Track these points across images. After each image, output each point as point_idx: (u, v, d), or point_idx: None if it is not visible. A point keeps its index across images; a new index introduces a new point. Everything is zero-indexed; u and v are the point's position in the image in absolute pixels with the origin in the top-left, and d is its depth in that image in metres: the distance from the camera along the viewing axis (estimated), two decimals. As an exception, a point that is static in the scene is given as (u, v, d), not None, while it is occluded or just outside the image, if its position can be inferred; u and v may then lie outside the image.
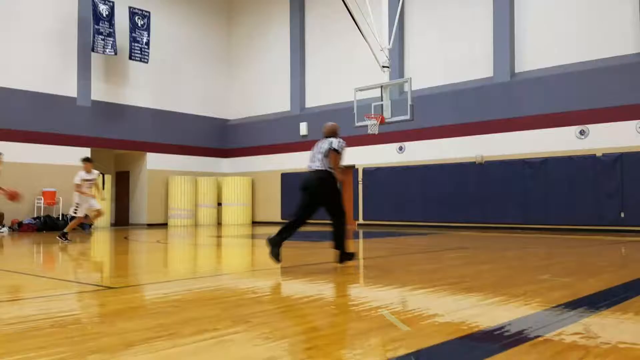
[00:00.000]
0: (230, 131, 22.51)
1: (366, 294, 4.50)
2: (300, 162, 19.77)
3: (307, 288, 4.83)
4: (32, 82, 17.01)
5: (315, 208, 6.17)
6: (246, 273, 6.37)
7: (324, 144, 6.22)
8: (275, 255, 6.06)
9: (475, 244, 10.00)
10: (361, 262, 7.21)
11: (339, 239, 6.24)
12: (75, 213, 10.39)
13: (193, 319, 3.38)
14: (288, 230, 6.12)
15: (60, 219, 16.81)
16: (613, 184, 13.09)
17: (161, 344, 2.74)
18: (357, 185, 17.96)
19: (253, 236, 13.26)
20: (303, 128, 19.83)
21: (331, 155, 6.08)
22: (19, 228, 15.67)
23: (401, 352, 2.61)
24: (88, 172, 10.44)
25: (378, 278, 5.61)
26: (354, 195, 18.12)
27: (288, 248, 9.50)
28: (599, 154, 13.36)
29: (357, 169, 18.03)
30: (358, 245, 9.93)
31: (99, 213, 10.70)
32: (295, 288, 4.92)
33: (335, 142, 6.13)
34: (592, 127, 13.58)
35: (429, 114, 15.99)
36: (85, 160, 10.65)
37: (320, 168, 6.12)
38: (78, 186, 10.27)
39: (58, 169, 17.23)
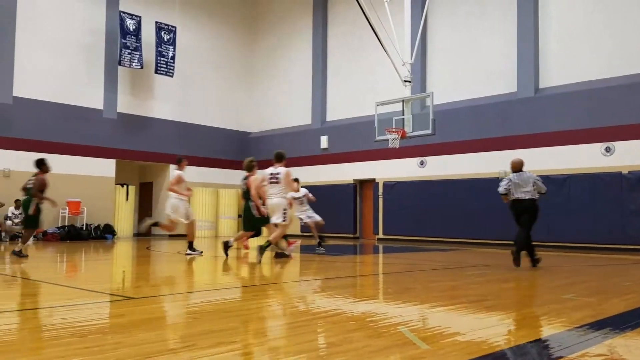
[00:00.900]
0: (251, 144, 22.68)
1: (385, 310, 4.46)
2: (320, 175, 19.81)
3: (326, 302, 4.81)
4: (60, 94, 17.42)
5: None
6: (265, 286, 6.37)
7: (526, 178, 8.26)
8: (517, 262, 7.93)
9: (497, 261, 9.85)
10: (380, 277, 7.16)
11: (532, 248, 8.20)
12: (284, 220, 11.16)
13: (211, 331, 3.39)
14: (521, 242, 8.06)
15: (84, 228, 17.08)
16: (639, 202, 12.80)
17: (179, 356, 2.75)
18: (378, 199, 17.89)
19: (272, 248, 13.25)
20: (324, 141, 19.88)
21: (540, 187, 8.30)
22: (43, 237, 15.95)
23: (420, 370, 2.58)
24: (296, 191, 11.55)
25: (397, 294, 5.55)
26: (373, 210, 18.05)
27: (308, 262, 9.48)
28: (625, 171, 13.10)
29: (378, 183, 17.97)
30: (378, 260, 9.87)
31: (319, 223, 11.69)
32: (314, 302, 4.90)
33: (539, 179, 8.35)
34: (617, 144, 13.34)
35: (451, 128, 15.90)
36: (295, 180, 11.44)
37: (532, 197, 8.20)
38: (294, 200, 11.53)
39: (83, 179, 17.54)
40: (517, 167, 8.43)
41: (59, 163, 17.09)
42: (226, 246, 9.69)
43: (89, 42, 18.19)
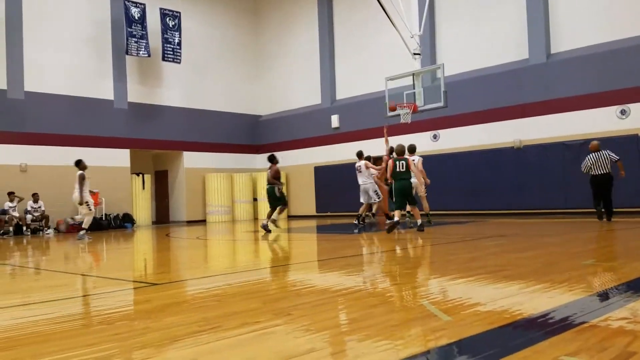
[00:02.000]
0: (262, 127, 22.68)
1: (406, 285, 4.49)
2: (333, 155, 19.80)
3: (346, 280, 4.86)
4: (70, 87, 17.53)
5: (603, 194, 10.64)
6: (285, 266, 6.44)
7: (604, 156, 10.36)
8: (601, 217, 10.70)
9: (515, 231, 9.83)
10: (399, 253, 7.20)
11: (612, 213, 10.60)
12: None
13: (235, 313, 3.45)
14: (601, 207, 10.66)
15: (104, 218, 17.31)
16: (658, 164, 12.63)
17: (205, 338, 2.81)
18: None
19: (289, 230, 13.37)
20: (334, 120, 19.82)
21: (620, 164, 10.34)
22: (65, 229, 16.19)
23: (443, 341, 2.60)
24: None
25: (417, 268, 5.58)
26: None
27: (326, 241, 9.53)
28: (641, 133, 12.91)
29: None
30: (395, 236, 9.89)
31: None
32: (334, 280, 4.95)
33: (613, 154, 10.36)
34: (633, 107, 13.12)
35: (463, 100, 15.74)
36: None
37: (609, 172, 10.38)
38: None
39: (99, 170, 17.71)
40: (596, 148, 10.52)
41: (73, 155, 17.23)
42: (421, 228, 9.94)
43: (96, 32, 18.22)
